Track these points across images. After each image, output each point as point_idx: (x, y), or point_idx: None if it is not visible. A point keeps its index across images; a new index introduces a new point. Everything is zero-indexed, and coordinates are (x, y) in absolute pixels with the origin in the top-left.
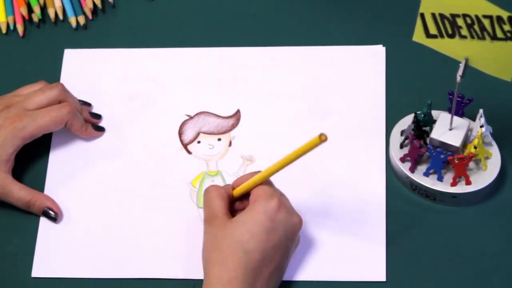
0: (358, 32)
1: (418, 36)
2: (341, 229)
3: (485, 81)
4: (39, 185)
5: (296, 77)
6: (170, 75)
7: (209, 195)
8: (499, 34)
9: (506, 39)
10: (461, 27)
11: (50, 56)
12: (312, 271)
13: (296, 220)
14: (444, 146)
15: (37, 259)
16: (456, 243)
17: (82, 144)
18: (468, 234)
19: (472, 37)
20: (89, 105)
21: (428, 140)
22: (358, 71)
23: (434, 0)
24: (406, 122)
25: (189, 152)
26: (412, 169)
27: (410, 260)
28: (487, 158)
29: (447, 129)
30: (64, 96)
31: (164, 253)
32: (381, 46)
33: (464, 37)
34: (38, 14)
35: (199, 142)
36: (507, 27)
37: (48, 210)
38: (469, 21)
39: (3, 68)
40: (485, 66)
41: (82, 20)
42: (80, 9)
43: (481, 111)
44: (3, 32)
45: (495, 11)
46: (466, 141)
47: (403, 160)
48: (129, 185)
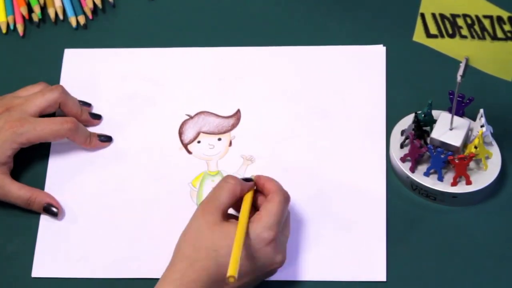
0: (359, 32)
1: (419, 36)
2: (341, 229)
3: (485, 81)
4: (39, 185)
5: (296, 77)
6: (170, 75)
7: (223, 185)
8: (500, 34)
9: (507, 39)
10: (461, 27)
11: (50, 56)
12: (312, 271)
13: (278, 260)
14: (445, 146)
15: (37, 259)
16: (456, 243)
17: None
18: (468, 234)
19: (473, 37)
20: (89, 105)
21: (428, 140)
22: (359, 71)
23: (434, 0)
24: (407, 122)
25: (189, 152)
26: (413, 169)
27: (411, 260)
28: (487, 158)
29: (448, 129)
30: (64, 99)
31: (164, 253)
32: (381, 46)
33: (464, 37)
34: (38, 14)
35: (199, 142)
36: (507, 27)
37: (48, 206)
38: (469, 21)
39: (3, 68)
40: (486, 66)
41: (82, 20)
42: (80, 9)
43: (481, 111)
44: (3, 32)
45: (495, 11)
46: (466, 141)
47: (403, 160)
48: (129, 185)
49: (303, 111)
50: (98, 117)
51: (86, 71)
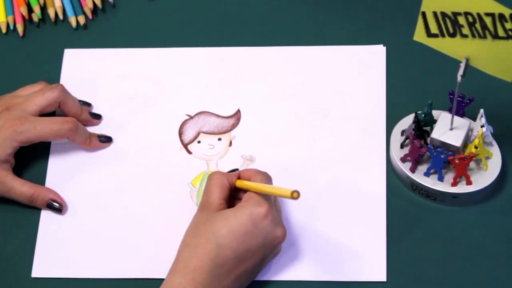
0: (359, 32)
1: (419, 35)
2: (342, 229)
3: (485, 81)
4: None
5: (296, 76)
6: (170, 75)
7: (209, 182)
8: (501, 32)
9: (508, 37)
10: (462, 26)
11: (50, 56)
12: (313, 271)
13: (279, 233)
14: (445, 146)
15: (37, 259)
16: (456, 243)
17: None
18: (468, 234)
19: (474, 36)
20: (89, 105)
21: (428, 140)
22: (359, 71)
23: None
24: (407, 122)
25: (189, 152)
26: (413, 169)
27: (411, 260)
28: (487, 158)
29: (448, 129)
30: (64, 98)
31: (164, 253)
32: (381, 46)
33: (465, 36)
34: (38, 14)
35: (199, 142)
36: (508, 25)
37: (52, 202)
38: (470, 19)
39: (3, 68)
40: (486, 66)
41: (82, 20)
42: (80, 9)
43: (481, 111)
44: (3, 32)
45: (498, 8)
46: (466, 141)
47: (403, 160)
48: (129, 185)
49: (303, 111)
50: (98, 117)
51: (86, 71)
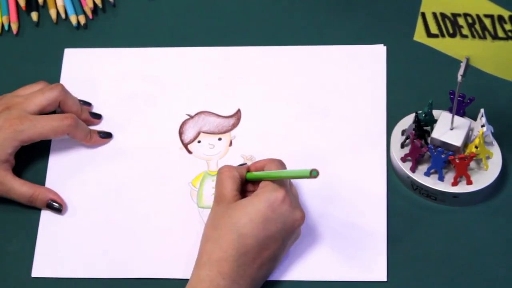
0: (359, 32)
1: (419, 35)
2: (342, 229)
3: (486, 80)
4: (39, 184)
5: (296, 76)
6: (170, 74)
7: (221, 176)
8: (500, 33)
9: (507, 38)
10: (462, 27)
11: (50, 55)
12: (313, 271)
13: (297, 216)
14: (445, 145)
15: (37, 259)
16: (457, 243)
17: (82, 144)
18: (469, 234)
19: (473, 36)
20: (89, 104)
21: (429, 140)
22: (359, 71)
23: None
24: (407, 121)
25: (190, 152)
26: (413, 169)
27: (411, 260)
28: (488, 157)
29: (448, 129)
30: (64, 97)
31: (164, 253)
32: (382, 46)
33: (465, 36)
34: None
35: (199, 141)
36: (508, 27)
37: (52, 202)
38: (470, 20)
39: (3, 68)
40: (486, 66)
41: (82, 20)
42: (81, 9)
43: (482, 110)
44: None
45: (496, 10)
46: (467, 141)
47: (404, 159)
48: (129, 185)
49: (304, 111)
50: (98, 116)
51: (86, 70)
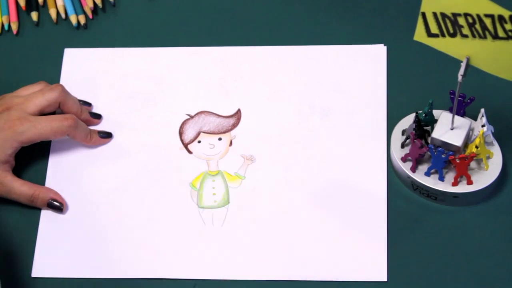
0: (359, 31)
1: (419, 35)
2: (342, 229)
3: (486, 80)
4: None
5: (297, 76)
6: (170, 74)
7: None
8: (501, 33)
9: (508, 38)
10: (462, 26)
11: (50, 55)
12: (313, 271)
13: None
14: (446, 145)
15: (37, 259)
16: (457, 243)
17: (82, 144)
18: (469, 234)
19: (474, 36)
20: (89, 104)
21: (429, 140)
22: (359, 71)
23: None
24: (407, 121)
25: (190, 152)
26: (413, 169)
27: (411, 260)
28: (488, 157)
29: (449, 129)
30: (64, 98)
31: (164, 253)
32: (382, 46)
33: (465, 36)
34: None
35: (199, 141)
36: (508, 26)
37: (52, 201)
38: (470, 20)
39: (3, 68)
40: (487, 66)
41: (82, 20)
42: (81, 9)
43: (482, 110)
44: None
45: (497, 10)
46: (467, 141)
47: (404, 159)
48: (129, 185)
49: (304, 111)
50: (98, 116)
51: (86, 70)
